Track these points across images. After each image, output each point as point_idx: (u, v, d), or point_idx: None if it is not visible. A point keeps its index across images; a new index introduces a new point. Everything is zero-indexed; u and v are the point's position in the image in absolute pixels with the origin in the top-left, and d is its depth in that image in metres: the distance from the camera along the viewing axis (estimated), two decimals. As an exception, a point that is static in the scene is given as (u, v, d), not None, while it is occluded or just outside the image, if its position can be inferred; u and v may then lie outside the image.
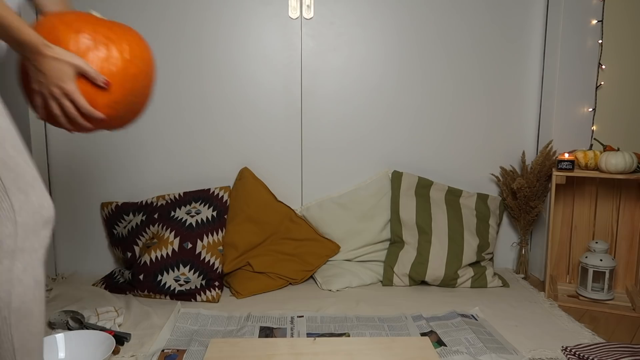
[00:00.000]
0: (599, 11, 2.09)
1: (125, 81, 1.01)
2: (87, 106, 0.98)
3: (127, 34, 1.03)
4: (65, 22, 0.98)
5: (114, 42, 0.99)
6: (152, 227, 2.03)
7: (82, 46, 0.96)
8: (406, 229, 2.14)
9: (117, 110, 1.02)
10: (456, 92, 2.26)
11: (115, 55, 0.99)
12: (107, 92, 0.99)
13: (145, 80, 1.05)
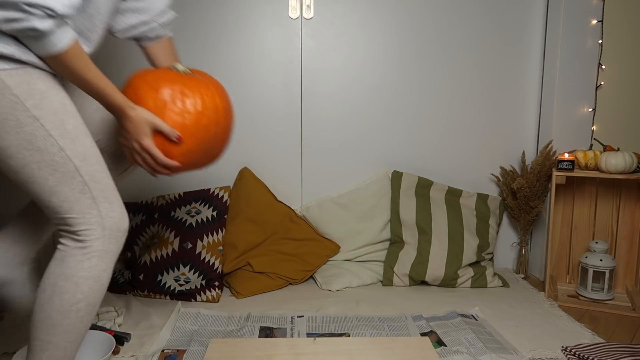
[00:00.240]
0: (599, 11, 2.09)
1: (197, 132, 1.13)
2: (163, 158, 1.12)
3: (201, 86, 1.15)
4: (147, 82, 1.13)
5: (188, 96, 1.12)
6: (152, 227, 2.03)
7: (159, 103, 1.10)
8: (406, 229, 2.14)
9: (191, 157, 1.16)
10: (456, 92, 2.26)
11: (188, 109, 1.12)
12: (180, 143, 1.12)
13: (217, 129, 1.17)
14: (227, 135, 1.23)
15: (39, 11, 0.88)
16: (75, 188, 1.01)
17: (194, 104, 1.13)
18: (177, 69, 1.19)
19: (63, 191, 1.00)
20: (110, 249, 1.05)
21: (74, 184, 1.00)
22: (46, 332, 1.02)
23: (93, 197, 1.02)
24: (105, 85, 1.04)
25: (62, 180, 0.99)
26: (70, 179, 1.00)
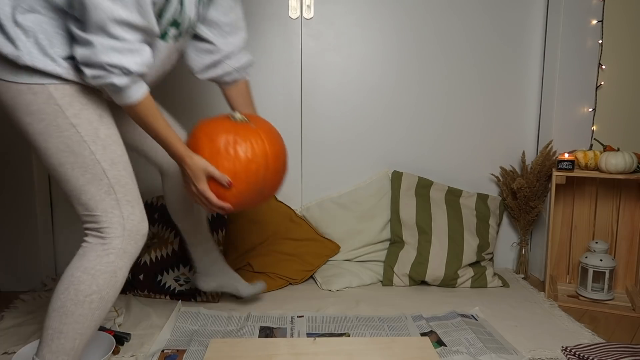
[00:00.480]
0: (599, 11, 2.09)
1: (247, 176, 1.26)
2: (216, 200, 1.26)
3: (252, 135, 1.28)
4: (205, 132, 1.28)
5: (239, 144, 1.25)
6: (152, 227, 2.03)
7: (213, 152, 1.25)
8: (406, 229, 2.14)
9: (242, 198, 1.29)
10: (456, 92, 2.26)
11: (239, 157, 1.25)
12: (232, 187, 1.26)
13: (266, 173, 1.29)
14: (277, 178, 1.34)
15: (117, 70, 1.05)
16: (101, 189, 1.12)
17: (244, 151, 1.25)
18: (234, 117, 1.32)
19: (91, 190, 1.11)
20: (128, 250, 1.14)
21: (101, 185, 1.12)
22: (59, 321, 1.10)
23: (117, 199, 1.13)
24: (169, 135, 1.20)
25: (91, 181, 1.11)
26: (98, 180, 1.12)
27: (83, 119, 1.10)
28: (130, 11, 1.02)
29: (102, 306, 1.13)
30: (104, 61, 1.04)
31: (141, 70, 1.09)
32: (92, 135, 1.11)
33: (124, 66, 1.05)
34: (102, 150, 1.12)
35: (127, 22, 1.03)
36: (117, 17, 1.01)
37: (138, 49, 1.07)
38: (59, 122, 1.08)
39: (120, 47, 1.04)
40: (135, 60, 1.07)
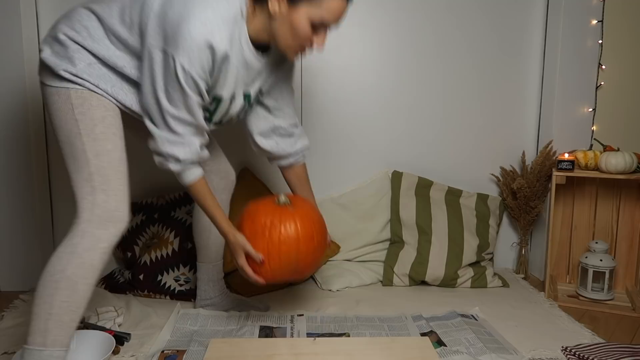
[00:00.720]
0: (599, 11, 2.08)
1: (279, 257, 1.39)
2: (251, 274, 1.40)
3: (288, 219, 1.40)
4: (249, 214, 1.44)
5: (275, 227, 1.39)
6: (152, 227, 2.03)
7: (251, 232, 1.40)
8: (406, 229, 2.14)
9: (275, 275, 1.42)
10: (456, 92, 2.26)
11: (272, 239, 1.38)
12: (265, 264, 1.39)
13: (298, 255, 1.40)
14: (310, 259, 1.44)
15: (172, 159, 1.29)
16: (82, 176, 1.22)
17: (277, 234, 1.38)
18: (279, 200, 1.46)
19: (76, 178, 1.23)
20: (96, 234, 1.20)
21: (83, 173, 1.22)
22: (34, 305, 1.18)
23: (93, 186, 1.22)
24: (216, 214, 1.39)
25: (77, 169, 1.23)
26: (81, 168, 1.22)
27: (86, 117, 1.23)
28: (179, 109, 1.24)
29: (69, 286, 1.17)
30: (162, 151, 1.28)
31: (191, 159, 1.30)
32: (88, 130, 1.23)
33: (176, 156, 1.28)
34: (91, 143, 1.22)
35: (179, 118, 1.25)
36: (171, 113, 1.24)
37: (188, 142, 1.29)
38: (67, 118, 1.23)
39: (173, 140, 1.27)
40: (185, 151, 1.28)
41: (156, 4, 1.20)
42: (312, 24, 1.21)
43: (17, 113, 1.95)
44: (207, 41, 1.17)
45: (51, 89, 1.25)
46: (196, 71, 1.19)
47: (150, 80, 1.22)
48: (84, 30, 1.24)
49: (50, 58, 1.24)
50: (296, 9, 1.20)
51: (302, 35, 1.22)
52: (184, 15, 1.15)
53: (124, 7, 1.24)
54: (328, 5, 1.19)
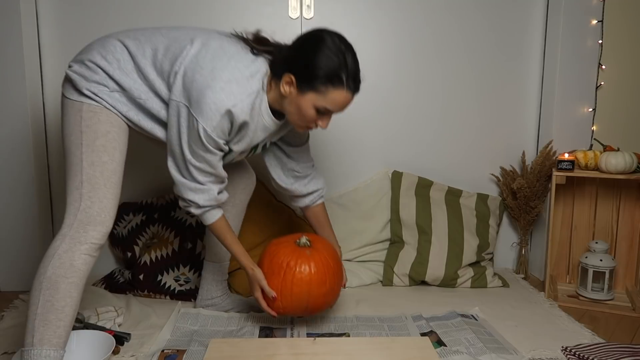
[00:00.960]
0: (599, 11, 2.09)
1: (290, 296, 1.49)
2: (265, 307, 1.52)
3: (303, 262, 1.49)
4: (269, 252, 1.56)
5: (290, 269, 1.48)
6: (152, 227, 2.03)
7: (268, 270, 1.51)
8: (406, 229, 2.14)
9: (287, 311, 1.52)
10: (456, 92, 2.26)
11: (287, 278, 1.48)
12: (278, 300, 1.50)
13: (309, 297, 1.49)
14: (321, 300, 1.52)
15: (193, 204, 1.41)
16: (75, 183, 1.28)
17: (291, 276, 1.48)
18: (299, 242, 1.56)
19: (69, 185, 1.29)
20: (77, 237, 1.24)
21: (76, 181, 1.28)
22: (27, 308, 1.22)
23: (81, 193, 1.27)
24: (236, 250, 1.51)
25: (71, 176, 1.28)
26: (75, 176, 1.28)
27: (90, 129, 1.29)
28: (201, 162, 1.35)
29: (50, 286, 1.20)
30: (185, 197, 1.40)
31: (210, 205, 1.42)
32: (89, 142, 1.29)
33: (197, 203, 1.40)
34: (89, 153, 1.28)
35: (200, 169, 1.36)
36: (193, 164, 1.34)
37: (208, 189, 1.39)
38: (74, 129, 1.29)
39: (194, 187, 1.38)
40: (205, 197, 1.40)
41: (185, 64, 1.29)
42: (316, 109, 1.34)
43: (18, 113, 1.95)
44: (229, 112, 1.28)
45: (68, 101, 1.32)
46: (217, 134, 1.30)
47: (176, 131, 1.32)
48: (115, 62, 1.32)
49: (76, 76, 1.31)
50: (303, 95, 1.31)
51: (308, 118, 1.35)
52: (211, 84, 1.26)
53: (157, 51, 1.33)
54: (332, 97, 1.31)
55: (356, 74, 1.33)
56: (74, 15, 2.03)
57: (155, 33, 1.36)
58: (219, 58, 1.29)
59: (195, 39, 1.32)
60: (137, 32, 1.38)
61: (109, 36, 1.38)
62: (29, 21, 1.96)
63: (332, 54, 1.28)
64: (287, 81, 1.31)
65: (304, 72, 1.30)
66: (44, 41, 2.03)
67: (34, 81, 1.99)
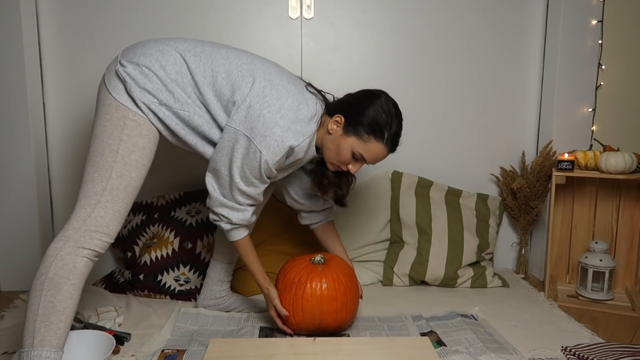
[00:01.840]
0: (599, 11, 2.09)
1: (302, 312, 1.51)
2: (280, 325, 1.56)
3: (314, 279, 1.52)
4: (285, 268, 1.60)
5: (301, 284, 1.52)
6: (152, 227, 2.03)
7: (282, 286, 1.55)
8: (406, 229, 2.14)
9: (300, 327, 1.54)
10: (456, 92, 2.26)
11: (297, 295, 1.51)
12: (290, 318, 1.53)
13: (321, 313, 1.51)
14: (331, 318, 1.52)
15: (225, 219, 1.46)
16: (96, 188, 1.28)
17: (302, 292, 1.51)
18: (314, 260, 1.60)
19: (88, 186, 1.28)
20: (82, 242, 1.24)
21: (98, 185, 1.28)
22: (26, 309, 1.22)
23: (99, 200, 1.27)
24: (254, 268, 1.56)
25: (95, 179, 1.28)
26: (99, 180, 1.28)
27: (130, 140, 1.31)
28: (249, 187, 1.41)
29: (52, 287, 1.20)
30: (218, 212, 1.45)
31: (242, 224, 1.48)
32: (125, 153, 1.30)
33: (230, 219, 1.45)
34: (121, 164, 1.30)
35: (246, 194, 1.42)
36: (240, 188, 1.40)
37: (244, 210, 1.46)
38: (113, 133, 1.30)
39: (230, 206, 1.44)
40: (239, 216, 1.45)
41: (251, 97, 1.35)
42: (353, 153, 1.44)
43: (18, 113, 1.95)
44: (292, 149, 1.39)
45: (113, 100, 1.32)
46: (276, 166, 1.39)
47: (227, 155, 1.37)
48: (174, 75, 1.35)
49: (129, 79, 1.32)
50: (346, 137, 1.43)
51: (343, 159, 1.45)
52: (279, 123, 1.34)
53: (217, 73, 1.37)
54: (370, 147, 1.43)
55: (396, 136, 1.45)
56: (74, 15, 2.03)
57: (215, 53, 1.39)
58: (285, 97, 1.37)
59: (257, 72, 1.39)
60: (196, 46, 1.40)
61: (166, 43, 1.38)
62: (29, 21, 1.96)
63: (382, 111, 1.41)
64: (337, 121, 1.43)
65: (353, 117, 1.42)
66: (44, 41, 2.03)
67: (34, 81, 1.99)
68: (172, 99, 1.34)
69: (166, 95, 1.34)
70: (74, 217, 1.26)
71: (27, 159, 1.97)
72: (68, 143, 2.11)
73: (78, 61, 2.05)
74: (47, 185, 2.10)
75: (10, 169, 1.97)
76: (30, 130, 1.96)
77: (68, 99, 2.08)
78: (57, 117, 2.09)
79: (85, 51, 2.05)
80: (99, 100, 1.35)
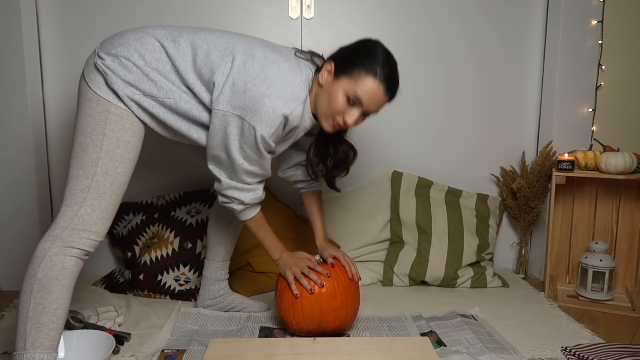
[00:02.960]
0: (599, 11, 2.09)
1: (302, 309, 1.50)
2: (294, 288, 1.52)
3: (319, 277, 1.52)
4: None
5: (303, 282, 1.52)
6: (152, 227, 2.03)
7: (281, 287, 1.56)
8: (406, 229, 2.14)
9: (301, 326, 1.52)
10: (456, 92, 2.26)
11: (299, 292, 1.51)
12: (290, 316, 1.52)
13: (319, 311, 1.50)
14: (330, 316, 1.51)
15: (237, 201, 1.44)
16: (81, 185, 1.24)
17: (301, 289, 1.51)
18: (319, 259, 1.61)
19: (73, 184, 1.25)
20: (69, 241, 1.21)
21: (83, 183, 1.24)
22: (17, 311, 1.20)
23: (85, 198, 1.24)
24: (268, 244, 1.55)
25: (79, 176, 1.25)
26: (83, 177, 1.24)
27: (114, 135, 1.27)
28: (253, 166, 1.37)
29: (42, 288, 1.17)
30: (229, 195, 1.42)
31: (254, 203, 1.46)
32: (109, 148, 1.26)
33: (242, 200, 1.43)
34: (106, 160, 1.26)
35: (252, 172, 1.39)
36: (244, 168, 1.36)
37: (254, 189, 1.44)
38: (96, 128, 1.26)
39: (241, 187, 1.41)
40: (250, 196, 1.43)
41: (233, 75, 1.29)
42: (347, 97, 1.35)
43: (18, 113, 1.95)
44: (286, 117, 1.31)
45: (93, 95, 1.28)
46: (273, 139, 1.34)
47: (221, 139, 1.33)
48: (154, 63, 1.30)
49: (109, 72, 1.27)
50: (337, 81, 1.35)
51: (335, 107, 1.35)
52: (267, 92, 1.28)
53: (196, 56, 1.32)
54: (363, 83, 1.33)
55: (391, 77, 1.36)
56: (74, 14, 2.03)
57: (194, 36, 1.34)
58: (269, 67, 1.31)
59: (236, 49, 1.33)
60: (173, 31, 1.35)
61: (144, 31, 1.34)
62: (29, 21, 1.96)
63: (374, 49, 1.35)
64: (327, 69, 1.37)
65: (343, 59, 1.36)
66: (44, 41, 2.03)
67: (34, 81, 1.99)
68: (156, 88, 1.30)
69: (149, 85, 1.29)
70: (61, 216, 1.23)
71: (27, 158, 1.97)
72: (68, 143, 2.11)
73: (78, 61, 2.05)
74: (47, 185, 2.10)
75: (10, 168, 1.97)
76: (30, 130, 1.97)
77: (68, 99, 2.08)
78: (57, 117, 2.09)
79: (85, 51, 2.05)
80: (80, 95, 1.31)
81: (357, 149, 1.64)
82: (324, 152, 1.59)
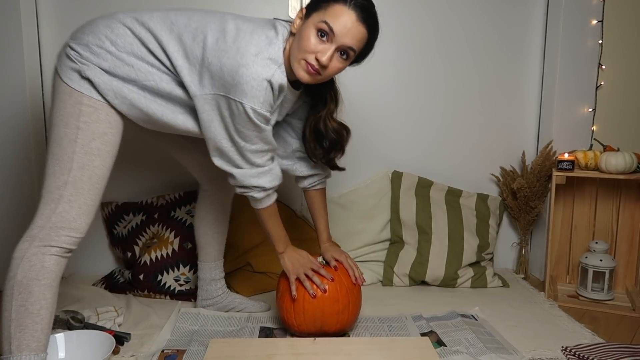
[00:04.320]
0: (599, 11, 2.09)
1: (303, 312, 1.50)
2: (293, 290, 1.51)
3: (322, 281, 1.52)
4: None
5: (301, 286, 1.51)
6: (152, 227, 2.03)
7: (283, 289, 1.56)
8: (406, 229, 2.14)
9: (302, 327, 1.52)
10: (456, 92, 2.26)
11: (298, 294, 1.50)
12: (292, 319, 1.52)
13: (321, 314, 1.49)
14: (332, 319, 1.51)
15: (257, 189, 1.38)
16: (57, 182, 1.20)
17: (302, 292, 1.50)
18: (322, 261, 1.62)
19: (50, 181, 1.21)
20: (48, 240, 1.18)
21: (60, 179, 1.20)
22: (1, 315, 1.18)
23: (61, 194, 1.20)
24: (276, 234, 1.53)
25: (55, 172, 1.21)
26: (59, 174, 1.20)
27: (88, 128, 1.22)
28: (256, 144, 1.31)
29: (22, 290, 1.15)
30: (247, 184, 1.36)
31: (275, 186, 1.41)
32: (84, 141, 1.22)
33: (263, 186, 1.38)
34: (82, 154, 1.21)
35: (257, 151, 1.33)
36: (248, 149, 1.31)
37: (269, 169, 1.38)
38: (70, 121, 1.21)
39: (255, 173, 1.35)
40: (270, 179, 1.39)
41: (208, 55, 1.23)
42: (317, 30, 1.24)
43: (18, 113, 1.95)
44: (269, 81, 1.22)
45: (65, 87, 1.23)
46: (266, 109, 1.25)
47: (220, 124, 1.28)
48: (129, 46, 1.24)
49: (84, 62, 1.23)
50: (308, 20, 1.26)
51: (306, 44, 1.24)
52: (242, 62, 1.20)
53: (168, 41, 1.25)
54: (332, 9, 1.24)
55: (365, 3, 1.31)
56: (74, 14, 2.03)
57: (164, 19, 1.27)
58: (241, 36, 1.23)
59: (208, 27, 1.25)
60: (143, 15, 1.28)
61: (114, 17, 1.28)
62: (29, 20, 1.96)
63: None
64: (299, 16, 1.30)
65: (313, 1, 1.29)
66: (44, 40, 2.03)
67: (34, 80, 1.99)
68: (134, 71, 1.24)
69: (127, 70, 1.24)
70: (38, 215, 1.19)
71: (27, 158, 1.97)
72: (68, 143, 2.11)
73: (78, 61, 2.05)
74: (47, 185, 2.10)
75: (10, 168, 1.97)
76: (30, 130, 1.96)
77: (68, 99, 2.08)
78: (57, 117, 2.09)
79: (85, 51, 2.05)
80: (53, 90, 1.26)
81: (349, 127, 1.60)
82: (317, 133, 1.52)
